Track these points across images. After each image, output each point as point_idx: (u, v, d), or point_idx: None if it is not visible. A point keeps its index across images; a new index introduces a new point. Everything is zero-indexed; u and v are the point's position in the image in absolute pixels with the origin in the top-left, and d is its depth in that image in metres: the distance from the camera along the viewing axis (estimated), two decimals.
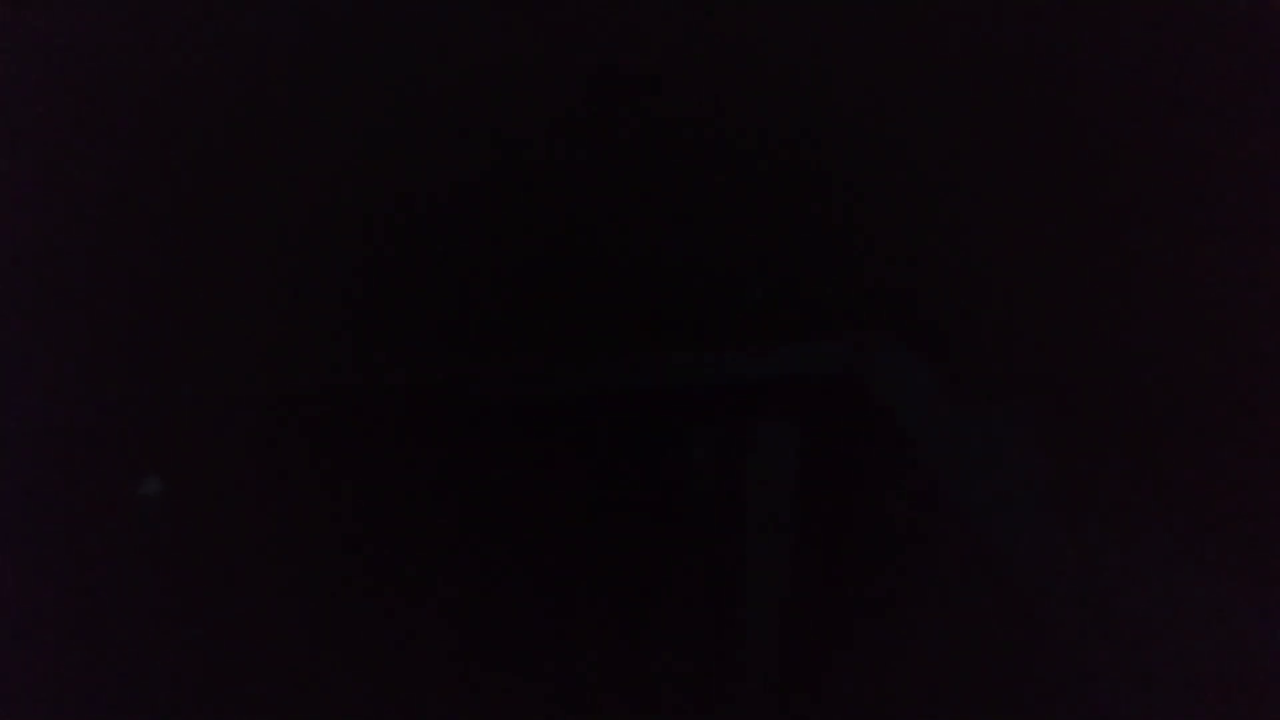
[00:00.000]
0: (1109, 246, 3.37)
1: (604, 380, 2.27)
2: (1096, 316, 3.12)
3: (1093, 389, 2.88)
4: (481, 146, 3.37)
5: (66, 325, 2.79)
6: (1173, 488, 2.93)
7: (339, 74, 3.67)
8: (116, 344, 2.74)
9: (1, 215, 3.16)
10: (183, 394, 2.24)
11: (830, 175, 3.50)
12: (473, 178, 3.30)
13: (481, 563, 2.27)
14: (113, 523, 2.21)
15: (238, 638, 2.23)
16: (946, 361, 2.71)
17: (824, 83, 3.76)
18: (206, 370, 2.58)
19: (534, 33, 3.50)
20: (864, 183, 3.50)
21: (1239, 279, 3.12)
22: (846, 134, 3.66)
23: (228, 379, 2.36)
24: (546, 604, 2.32)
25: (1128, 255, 3.31)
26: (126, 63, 3.63)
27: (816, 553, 2.44)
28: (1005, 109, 3.79)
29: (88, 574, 2.17)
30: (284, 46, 3.71)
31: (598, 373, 2.29)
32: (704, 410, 2.26)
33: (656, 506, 2.31)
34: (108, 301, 2.88)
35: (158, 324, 2.80)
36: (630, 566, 2.34)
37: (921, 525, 2.07)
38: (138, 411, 2.30)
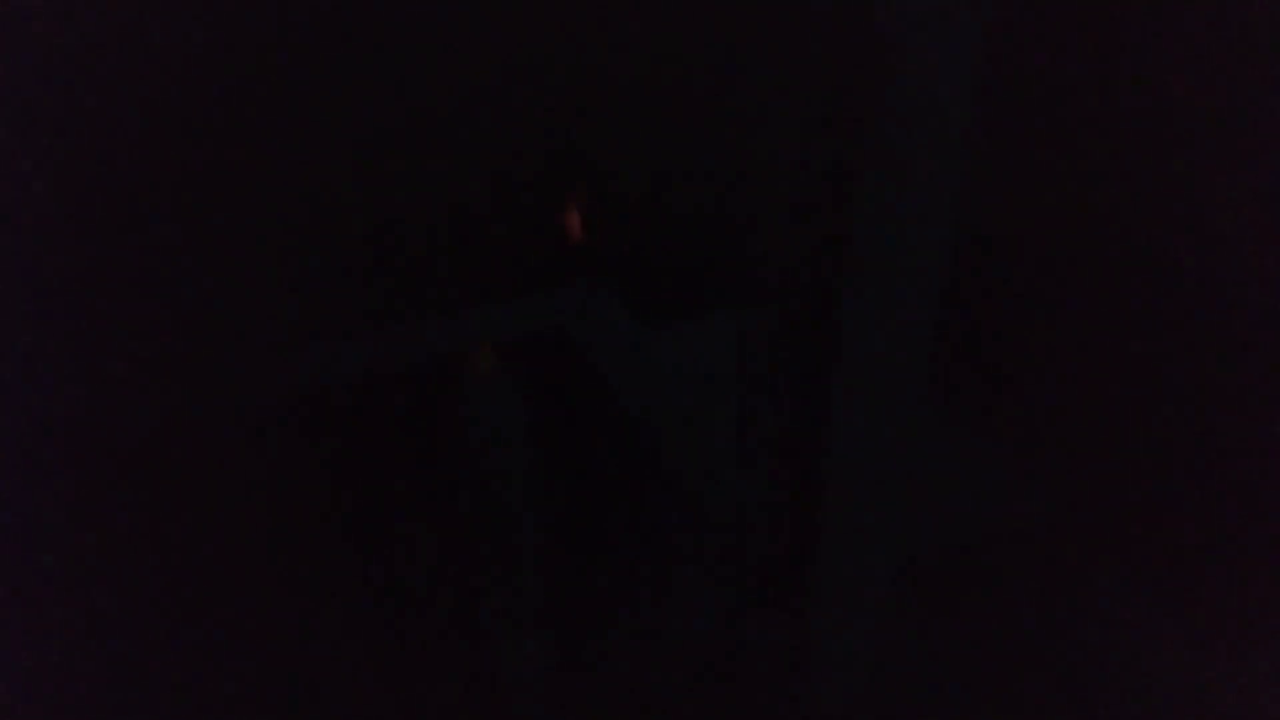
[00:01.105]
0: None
1: (310, 374, 2.21)
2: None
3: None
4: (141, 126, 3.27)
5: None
6: None
7: None
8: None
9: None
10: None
11: (526, 135, 3.45)
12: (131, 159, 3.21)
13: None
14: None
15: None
16: (655, 303, 2.74)
17: (509, 44, 3.68)
18: None
19: None
20: (563, 136, 3.46)
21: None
22: (537, 90, 3.58)
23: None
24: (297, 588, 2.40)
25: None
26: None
27: (553, 501, 2.53)
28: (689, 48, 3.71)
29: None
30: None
31: (297, 367, 2.23)
32: (419, 385, 2.27)
33: (397, 485, 2.37)
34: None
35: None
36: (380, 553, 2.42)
37: (626, 462, 2.22)
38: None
